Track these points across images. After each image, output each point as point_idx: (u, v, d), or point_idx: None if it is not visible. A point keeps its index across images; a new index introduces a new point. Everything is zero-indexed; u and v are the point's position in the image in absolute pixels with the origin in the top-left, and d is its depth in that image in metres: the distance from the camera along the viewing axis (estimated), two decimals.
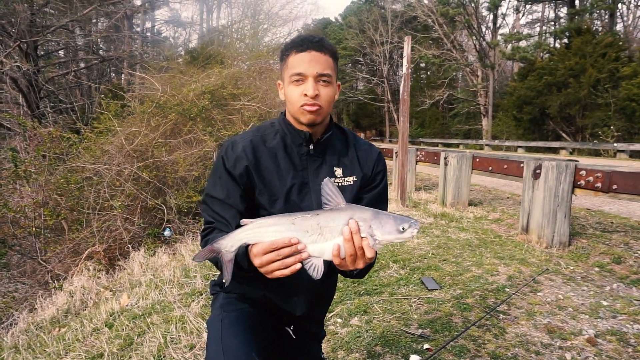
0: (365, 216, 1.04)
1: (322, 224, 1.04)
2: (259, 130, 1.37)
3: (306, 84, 1.22)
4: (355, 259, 1.04)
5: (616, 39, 21.73)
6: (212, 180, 1.34)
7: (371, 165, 1.41)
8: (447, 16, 30.12)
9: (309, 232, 1.03)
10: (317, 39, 1.26)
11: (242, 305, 1.38)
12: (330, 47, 1.27)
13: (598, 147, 17.41)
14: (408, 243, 4.38)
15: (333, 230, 1.04)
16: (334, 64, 1.27)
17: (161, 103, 6.69)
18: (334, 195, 1.07)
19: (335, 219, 1.04)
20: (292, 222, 1.04)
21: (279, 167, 1.31)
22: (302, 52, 1.23)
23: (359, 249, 1.02)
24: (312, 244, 1.04)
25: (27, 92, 11.45)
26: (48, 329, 3.22)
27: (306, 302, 1.41)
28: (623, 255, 3.82)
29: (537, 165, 4.25)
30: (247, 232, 1.07)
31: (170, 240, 5.42)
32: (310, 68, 1.22)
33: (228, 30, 19.09)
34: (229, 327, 1.27)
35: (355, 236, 1.02)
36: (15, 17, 11.14)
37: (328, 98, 1.26)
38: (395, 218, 1.04)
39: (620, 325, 2.56)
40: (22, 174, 5.45)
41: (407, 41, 6.07)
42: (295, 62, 1.23)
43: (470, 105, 31.83)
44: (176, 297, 3.17)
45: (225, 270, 1.09)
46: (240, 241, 1.08)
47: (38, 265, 5.29)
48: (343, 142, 1.42)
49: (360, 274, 1.27)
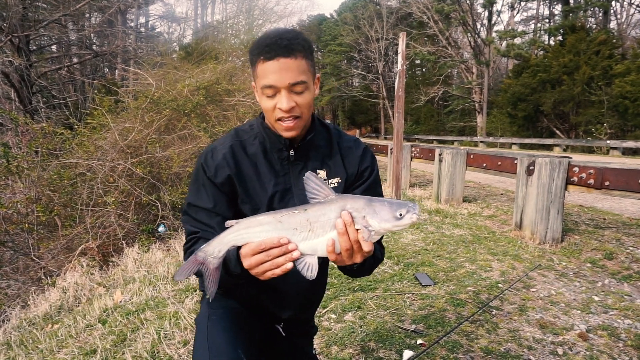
0: (358, 205, 0.96)
1: (311, 219, 0.96)
2: (238, 135, 1.31)
3: (280, 96, 1.12)
4: (352, 253, 0.98)
5: (610, 36, 21.88)
6: (194, 189, 1.27)
7: (356, 163, 1.34)
8: (442, 13, 30.13)
9: (298, 229, 0.97)
10: (285, 43, 1.10)
11: (230, 302, 1.35)
12: (300, 46, 1.12)
13: (591, 144, 17.54)
14: (402, 239, 4.39)
15: (324, 225, 0.96)
16: (307, 64, 1.15)
17: (155, 99, 6.65)
18: (320, 188, 0.99)
19: (326, 212, 0.97)
20: (279, 220, 0.97)
21: (259, 174, 1.25)
22: (270, 60, 1.10)
23: (354, 243, 0.96)
24: (303, 242, 0.97)
25: (19, 87, 11.34)
26: (41, 326, 3.20)
27: (293, 306, 1.38)
28: (615, 252, 3.85)
29: (530, 162, 4.27)
30: (233, 234, 1.00)
31: (165, 236, 5.40)
32: (281, 79, 1.10)
33: (222, 26, 19.01)
34: (215, 324, 1.24)
35: (349, 228, 0.95)
36: (7, 11, 11.02)
37: (306, 105, 1.16)
38: (390, 204, 0.96)
39: (611, 320, 2.59)
40: (14, 170, 5.40)
41: (402, 38, 6.07)
42: (264, 72, 1.12)
43: (465, 102, 31.91)
44: (170, 294, 3.16)
45: (210, 280, 1.01)
46: (227, 245, 1.01)
47: (31, 261, 5.26)
48: (327, 141, 1.34)
49: (363, 269, 1.21)
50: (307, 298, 1.42)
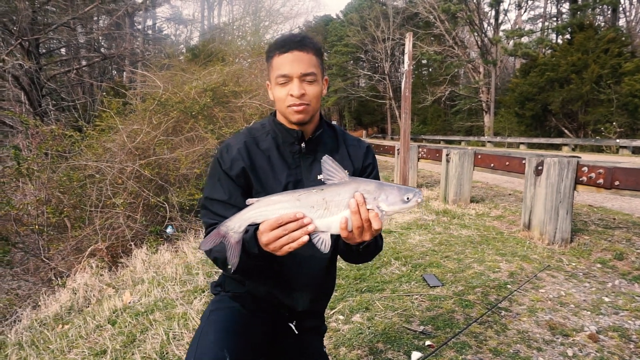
0: (370, 188, 1.06)
1: (327, 198, 1.05)
2: (251, 132, 1.40)
3: (292, 84, 1.25)
4: (363, 230, 1.06)
5: (619, 34, 21.64)
6: (211, 184, 1.35)
7: (361, 159, 1.46)
8: (448, 12, 29.98)
9: (315, 207, 1.05)
10: (299, 39, 1.28)
11: (234, 304, 1.40)
12: (312, 44, 1.29)
13: (600, 143, 17.36)
14: (409, 240, 4.38)
15: (339, 204, 1.05)
16: (317, 61, 1.30)
17: (163, 101, 6.70)
18: (335, 170, 1.08)
19: (341, 192, 1.05)
20: (297, 199, 1.05)
21: (273, 166, 1.34)
22: (285, 53, 1.25)
23: (365, 221, 1.04)
24: (319, 219, 1.05)
25: (29, 90, 11.47)
26: (51, 326, 3.24)
27: (309, 296, 1.43)
28: (625, 252, 3.81)
29: (539, 162, 4.24)
30: (253, 212, 1.07)
31: (173, 237, 5.43)
32: (294, 68, 1.24)
33: (229, 28, 19.08)
34: (210, 324, 1.30)
35: (361, 208, 1.03)
36: (17, 15, 11.15)
37: (315, 95, 1.28)
38: (399, 189, 1.07)
39: (622, 322, 2.56)
40: (24, 172, 5.47)
41: (408, 38, 6.06)
42: (279, 63, 1.26)
43: (472, 101, 31.74)
44: (178, 295, 3.18)
45: (232, 253, 1.09)
46: (247, 221, 1.08)
47: (41, 262, 5.32)
48: (333, 138, 1.46)
49: (367, 253, 1.29)
50: (320, 286, 1.47)
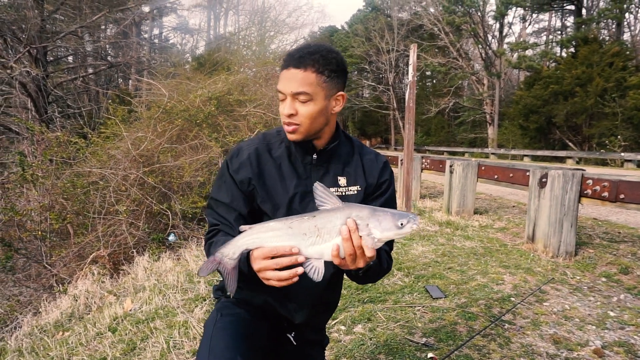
0: (363, 214, 1.03)
1: (319, 225, 1.03)
2: (266, 138, 1.39)
3: (285, 102, 1.23)
4: (355, 258, 1.03)
5: (623, 48, 21.68)
6: (218, 185, 1.36)
7: (376, 174, 1.40)
8: (453, 25, 30.18)
9: (307, 234, 1.03)
10: (299, 55, 1.20)
11: (239, 310, 1.38)
12: (313, 60, 1.19)
13: (605, 156, 17.30)
14: (412, 251, 4.36)
15: (331, 231, 1.03)
16: (317, 78, 1.20)
17: (168, 109, 6.73)
18: (327, 197, 1.06)
19: (333, 219, 1.03)
20: (290, 227, 1.03)
21: (282, 175, 1.32)
22: (285, 68, 1.22)
23: (358, 248, 1.02)
24: (311, 246, 1.03)
25: (35, 96, 11.56)
26: (52, 333, 3.23)
27: (306, 311, 1.40)
28: (630, 266, 3.77)
29: (543, 174, 4.23)
30: (246, 238, 1.07)
31: (175, 245, 5.43)
32: (286, 87, 1.21)
33: (235, 37, 19.23)
34: (219, 331, 1.27)
35: (353, 235, 1.01)
36: (26, 23, 11.29)
37: (307, 115, 1.21)
38: (393, 214, 1.03)
39: (627, 337, 2.53)
40: (29, 178, 5.50)
41: (413, 49, 6.09)
42: (280, 78, 1.24)
43: (476, 113, 31.78)
44: (180, 303, 3.17)
45: (229, 279, 1.09)
46: (240, 247, 1.08)
47: (43, 268, 5.32)
48: (349, 151, 1.41)
49: (368, 277, 1.26)
50: (320, 301, 1.44)
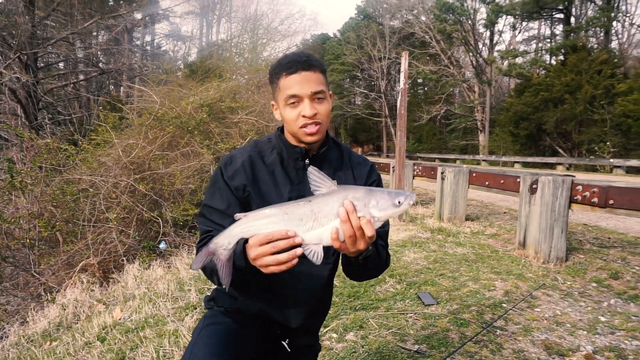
0: (359, 195, 1.02)
1: (315, 209, 1.01)
2: (257, 146, 1.41)
3: (303, 104, 1.26)
4: (355, 240, 1.02)
5: (611, 56, 22.06)
6: (211, 192, 1.35)
7: (364, 176, 1.44)
8: (444, 33, 30.54)
9: (304, 219, 1.01)
10: (304, 59, 1.28)
11: (226, 319, 1.37)
12: (317, 63, 1.29)
13: (594, 162, 17.51)
14: (404, 257, 4.35)
15: (328, 214, 1.01)
16: (324, 78, 1.30)
17: (159, 116, 6.70)
18: (322, 180, 1.04)
19: (329, 202, 1.02)
20: (285, 212, 1.02)
21: (276, 181, 1.34)
22: (293, 73, 1.25)
23: (357, 229, 1.01)
24: (309, 232, 1.01)
25: (25, 103, 11.45)
26: (39, 343, 3.17)
27: (304, 313, 1.40)
28: (620, 271, 3.80)
29: (533, 180, 4.26)
30: (241, 227, 1.05)
31: (166, 253, 5.38)
32: (303, 89, 1.24)
33: (227, 45, 19.24)
34: (203, 338, 1.27)
35: (351, 216, 0.99)
36: (17, 29, 11.22)
37: (326, 113, 1.29)
38: (389, 193, 1.03)
39: (618, 342, 2.54)
40: (18, 185, 5.43)
41: (404, 57, 6.13)
42: (288, 84, 1.26)
43: (467, 120, 32.05)
44: (170, 311, 3.13)
45: (223, 271, 1.06)
46: (235, 237, 1.05)
47: (31, 277, 5.24)
48: (338, 156, 1.45)
49: (368, 268, 1.25)
50: (318, 302, 1.45)
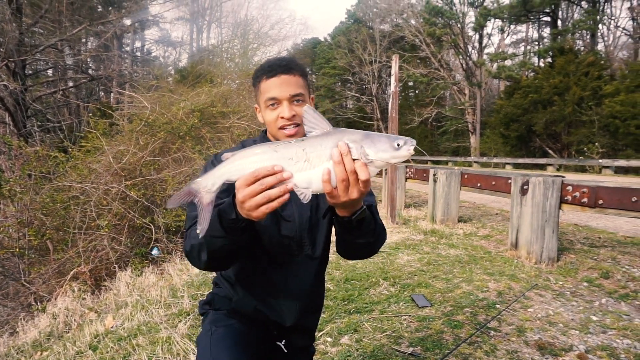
0: (356, 137, 0.94)
1: (308, 149, 0.94)
2: (244, 146, 1.40)
3: (281, 107, 1.29)
4: (348, 185, 0.95)
5: (598, 58, 22.35)
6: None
7: None
8: (434, 36, 30.76)
9: (294, 159, 0.94)
10: (284, 63, 1.32)
11: (231, 321, 1.38)
12: (297, 67, 1.33)
13: (584, 163, 17.69)
14: (398, 260, 4.36)
15: (321, 156, 0.94)
16: (304, 82, 1.34)
17: (150, 121, 6.67)
18: (317, 121, 0.96)
19: (323, 143, 0.94)
20: (275, 150, 0.95)
21: None
22: (273, 77, 1.30)
23: (351, 173, 0.93)
24: (299, 172, 0.94)
25: (13, 110, 11.33)
26: (29, 353, 3.12)
27: (297, 311, 1.40)
28: (611, 270, 3.84)
29: (524, 181, 4.29)
30: (227, 167, 0.98)
31: (158, 259, 5.34)
32: (282, 91, 1.29)
33: (218, 50, 19.25)
34: (218, 342, 1.26)
35: (345, 158, 0.93)
36: (3, 37, 11.12)
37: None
38: (388, 136, 0.95)
39: (610, 341, 2.56)
40: (6, 194, 5.36)
41: (395, 60, 6.17)
42: (267, 87, 1.30)
43: (458, 122, 32.26)
44: (163, 318, 3.10)
45: (202, 216, 0.99)
46: (221, 177, 0.98)
47: (21, 286, 5.17)
48: None
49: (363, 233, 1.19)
50: (309, 297, 1.43)
